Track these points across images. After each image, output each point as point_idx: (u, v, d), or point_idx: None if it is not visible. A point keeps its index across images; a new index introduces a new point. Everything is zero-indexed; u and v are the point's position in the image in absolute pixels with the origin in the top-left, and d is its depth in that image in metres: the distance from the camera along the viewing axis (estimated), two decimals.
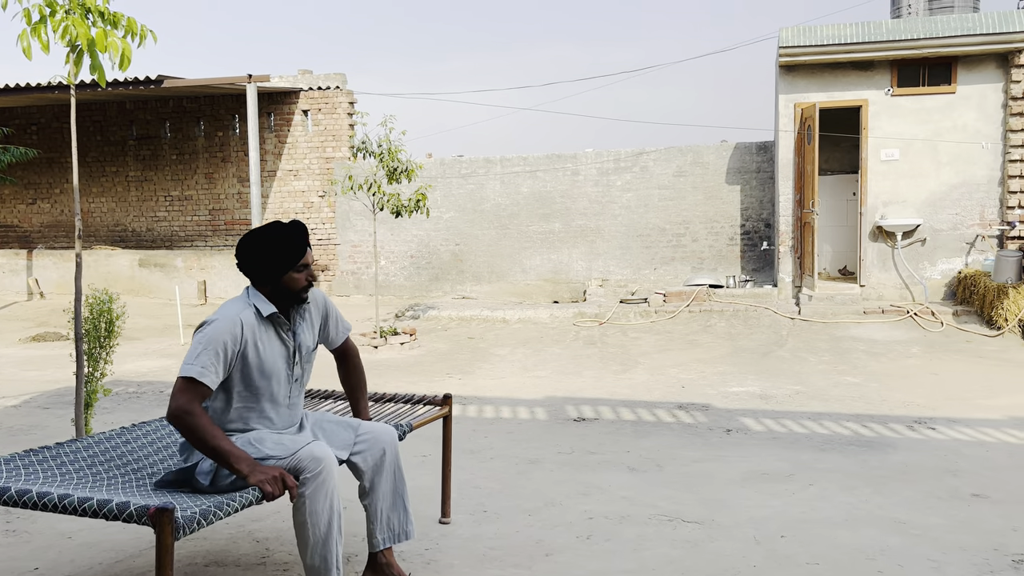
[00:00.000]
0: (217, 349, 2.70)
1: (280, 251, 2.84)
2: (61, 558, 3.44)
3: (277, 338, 2.91)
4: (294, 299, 2.92)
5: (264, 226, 2.91)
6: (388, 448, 3.08)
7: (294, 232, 2.88)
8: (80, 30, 4.45)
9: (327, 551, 2.72)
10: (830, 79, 11.07)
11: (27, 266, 14.62)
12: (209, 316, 2.82)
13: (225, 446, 2.61)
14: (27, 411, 6.51)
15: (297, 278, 2.88)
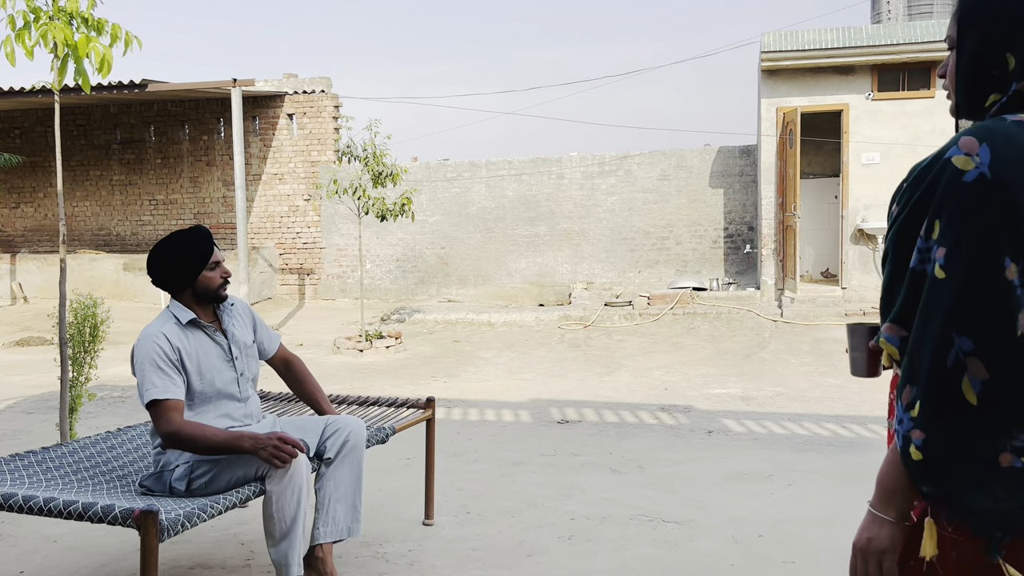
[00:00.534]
0: (156, 364, 2.79)
1: (190, 255, 2.96)
2: (47, 562, 3.46)
3: (208, 339, 2.99)
4: (214, 298, 3.02)
5: (167, 236, 3.03)
6: (353, 436, 3.08)
7: (197, 235, 3.01)
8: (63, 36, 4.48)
9: (290, 547, 2.77)
10: (812, 83, 11.19)
11: (10, 270, 14.54)
12: (136, 341, 2.91)
13: (224, 437, 2.71)
14: (11, 416, 6.50)
15: (211, 276, 2.99)
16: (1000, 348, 1.20)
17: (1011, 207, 1.20)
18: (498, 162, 13.45)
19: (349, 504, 3.08)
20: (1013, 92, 1.29)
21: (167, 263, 2.96)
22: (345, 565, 3.43)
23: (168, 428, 2.69)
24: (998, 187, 1.21)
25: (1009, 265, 1.20)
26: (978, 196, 1.22)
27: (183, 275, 2.95)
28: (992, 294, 1.20)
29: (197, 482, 2.77)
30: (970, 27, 1.32)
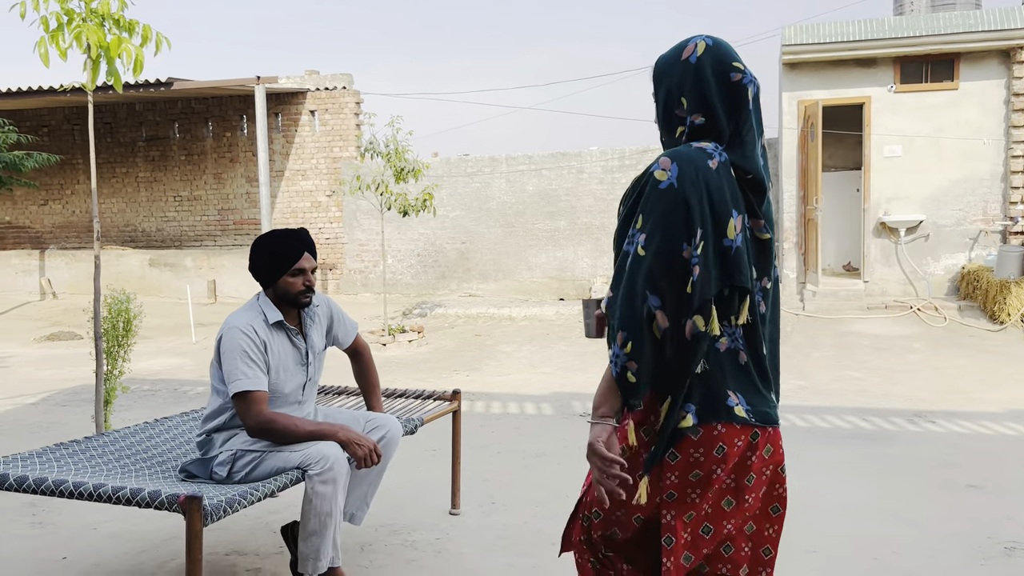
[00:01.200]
0: (246, 354, 2.86)
1: (274, 257, 2.99)
2: (88, 548, 3.58)
3: (288, 342, 3.05)
4: (293, 303, 3.03)
5: (268, 232, 3.08)
6: (389, 435, 3.17)
7: (290, 239, 3.03)
8: (96, 37, 4.58)
9: (321, 542, 2.85)
10: (833, 76, 11.16)
11: (39, 266, 14.80)
12: (223, 328, 2.96)
13: (311, 428, 2.84)
14: (46, 408, 6.66)
15: (292, 282, 3.00)
16: (675, 304, 1.72)
17: (688, 207, 1.72)
18: (518, 157, 13.51)
19: (362, 494, 3.18)
20: (689, 125, 1.84)
21: (254, 257, 3.02)
22: (375, 552, 3.52)
23: (258, 419, 2.79)
24: (681, 194, 1.73)
25: (686, 248, 1.71)
26: (667, 199, 1.73)
27: (267, 275, 3.00)
28: (673, 267, 1.71)
29: (239, 470, 2.86)
30: (659, 84, 1.90)
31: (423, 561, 3.46)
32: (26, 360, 9.28)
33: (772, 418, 1.85)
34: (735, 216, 1.77)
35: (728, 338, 1.82)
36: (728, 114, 1.82)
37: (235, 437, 2.94)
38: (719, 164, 1.78)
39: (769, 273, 1.90)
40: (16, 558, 3.47)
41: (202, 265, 13.92)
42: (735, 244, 1.76)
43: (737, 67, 1.84)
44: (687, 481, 1.80)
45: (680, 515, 1.81)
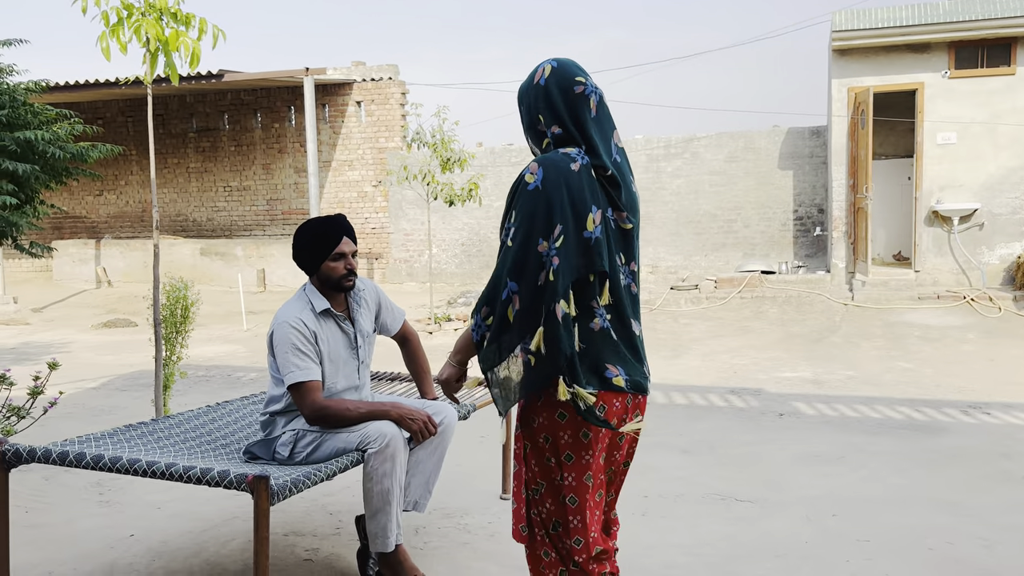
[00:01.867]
0: (296, 347, 2.94)
1: (315, 243, 3.08)
2: (153, 526, 3.71)
3: (338, 328, 3.12)
4: (337, 287, 3.11)
5: (306, 221, 3.16)
6: (445, 423, 3.22)
7: (329, 224, 3.11)
8: (155, 31, 4.70)
9: (388, 520, 2.93)
10: (885, 62, 10.96)
11: (95, 255, 15.19)
12: (273, 323, 3.06)
13: (364, 409, 2.93)
14: (106, 393, 6.87)
15: (334, 267, 3.07)
16: (530, 291, 1.98)
17: (550, 206, 1.99)
18: None
19: (423, 481, 3.22)
20: (552, 136, 2.13)
21: (296, 246, 3.11)
22: (429, 535, 3.60)
23: (313, 407, 2.89)
24: (544, 194, 2.00)
25: (542, 242, 1.98)
26: (533, 199, 2.01)
27: (309, 261, 3.08)
28: (530, 258, 1.98)
29: (300, 451, 2.95)
30: (521, 106, 2.21)
31: (476, 544, 3.52)
32: (86, 346, 9.56)
33: (644, 388, 2.16)
34: (594, 211, 2.04)
35: (600, 318, 2.09)
36: (575, 122, 2.11)
37: (297, 419, 3.03)
38: (581, 166, 2.06)
39: (636, 257, 2.18)
40: (88, 536, 3.61)
41: (252, 254, 14.17)
42: (594, 235, 2.03)
43: (579, 81, 2.13)
44: (580, 442, 2.08)
45: (579, 473, 2.11)
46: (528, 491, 2.19)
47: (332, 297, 3.13)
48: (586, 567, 2.12)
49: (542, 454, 2.14)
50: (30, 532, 3.63)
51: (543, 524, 2.17)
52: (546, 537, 2.18)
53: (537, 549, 2.20)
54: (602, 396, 2.06)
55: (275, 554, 3.38)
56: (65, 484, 4.28)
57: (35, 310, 12.48)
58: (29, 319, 11.76)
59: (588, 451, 2.09)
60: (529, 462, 2.17)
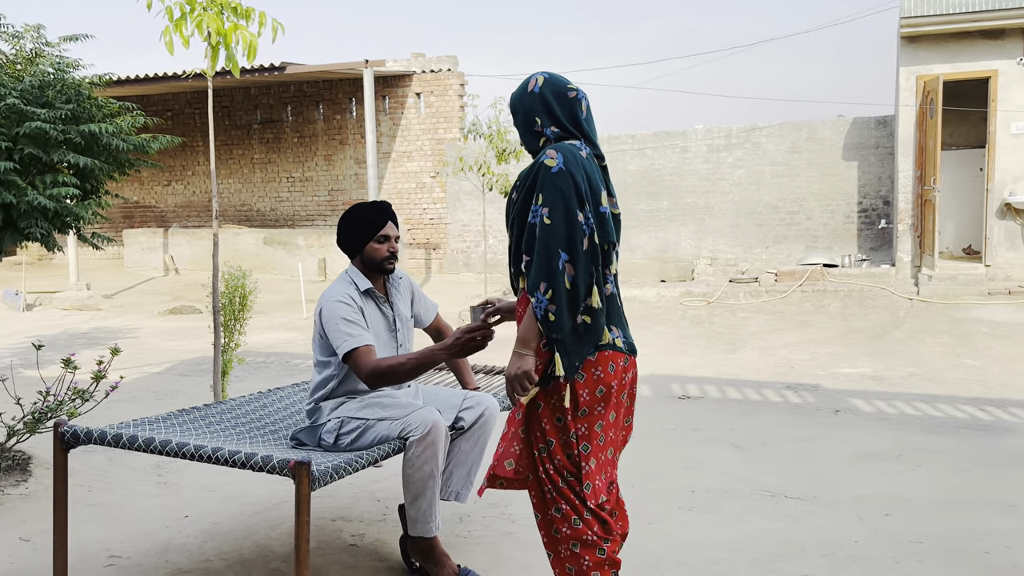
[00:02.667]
0: (346, 318, 3.02)
1: (358, 222, 3.19)
2: (207, 508, 3.82)
3: (378, 310, 3.21)
4: (379, 268, 3.22)
5: (351, 206, 3.26)
6: (487, 413, 3.23)
7: (373, 208, 3.24)
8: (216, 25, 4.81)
9: (429, 505, 2.97)
10: (956, 49, 10.59)
11: (163, 244, 15.65)
12: (322, 302, 3.13)
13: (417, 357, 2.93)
14: (169, 378, 7.08)
15: (378, 248, 3.19)
16: (578, 257, 2.25)
17: (576, 183, 2.27)
18: (620, 136, 13.40)
19: (465, 472, 3.23)
20: (550, 135, 2.43)
21: (342, 228, 3.23)
22: (473, 523, 3.63)
23: (368, 368, 2.93)
24: (568, 174, 2.28)
25: (579, 212, 2.26)
26: (560, 178, 2.27)
27: (354, 243, 3.20)
28: (574, 228, 2.25)
29: (345, 438, 3.01)
30: (516, 112, 2.51)
31: (520, 534, 3.54)
32: (152, 332, 9.87)
33: (635, 349, 2.49)
34: (602, 191, 2.37)
35: (611, 284, 2.40)
36: (572, 121, 2.43)
37: (342, 406, 3.08)
38: (587, 154, 2.39)
39: (619, 239, 2.46)
40: (145, 515, 3.74)
41: (313, 244, 14.42)
42: (607, 210, 2.37)
43: (571, 87, 2.46)
44: (595, 397, 2.33)
45: (592, 425, 2.35)
46: (536, 450, 2.39)
47: (373, 279, 3.23)
48: (598, 511, 2.36)
49: (555, 412, 2.34)
50: (91, 510, 3.78)
51: (552, 479, 2.36)
52: (556, 491, 2.36)
53: (548, 508, 2.38)
54: (611, 356, 2.35)
55: (322, 538, 3.45)
56: (126, 465, 4.43)
57: (107, 296, 12.92)
58: (101, 305, 12.19)
59: (601, 405, 2.34)
60: (540, 421, 2.36)
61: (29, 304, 12.05)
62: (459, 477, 3.23)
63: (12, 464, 4.10)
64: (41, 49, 4.23)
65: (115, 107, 4.37)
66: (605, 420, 2.36)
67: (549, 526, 2.38)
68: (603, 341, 2.33)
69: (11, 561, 3.24)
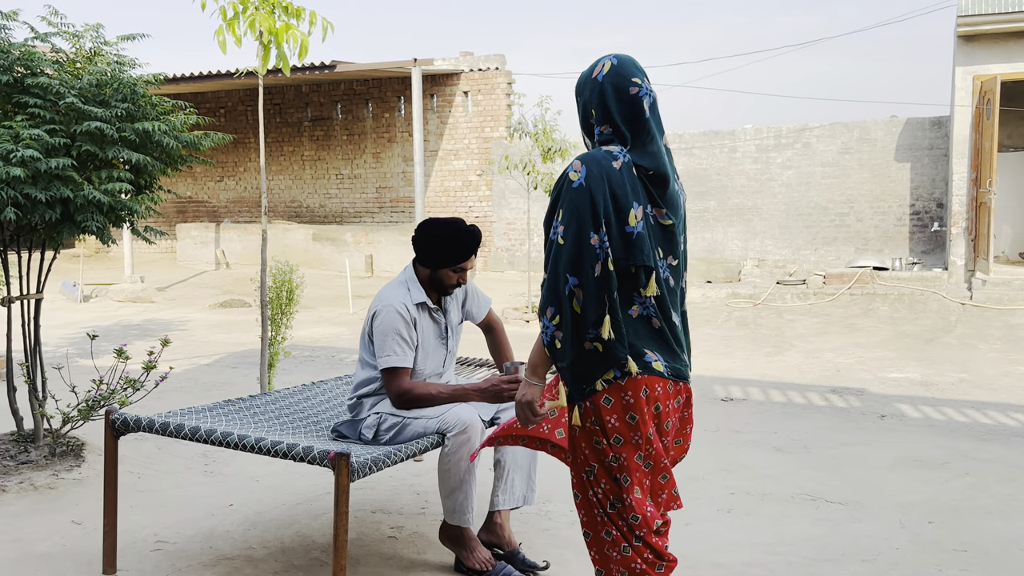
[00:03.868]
0: (399, 334, 3.05)
1: (447, 248, 3.11)
2: (251, 497, 3.91)
3: (430, 318, 3.22)
4: (442, 291, 3.22)
5: (446, 219, 3.18)
6: None
7: (466, 237, 3.13)
8: (267, 24, 4.91)
9: (465, 497, 3.02)
10: (1015, 48, 10.32)
11: (215, 238, 15.97)
12: (377, 305, 3.14)
13: (451, 391, 2.98)
14: (218, 369, 7.24)
15: (451, 275, 3.17)
16: (587, 282, 2.10)
17: (594, 202, 2.10)
18: (667, 135, 13.29)
19: (525, 475, 3.27)
20: (599, 133, 2.24)
21: (429, 241, 3.13)
22: (511, 520, 3.66)
23: (399, 390, 2.99)
24: (588, 191, 2.11)
25: (593, 235, 2.10)
26: (578, 195, 2.11)
27: (432, 260, 3.14)
28: (584, 252, 2.10)
29: (384, 432, 3.06)
30: (579, 99, 2.31)
31: (556, 531, 3.56)
32: (202, 324, 10.09)
33: (684, 375, 2.26)
34: (636, 207, 2.14)
35: (639, 306, 2.20)
36: (627, 122, 2.19)
37: (383, 402, 3.14)
38: (622, 164, 2.16)
39: (675, 252, 2.26)
40: (192, 503, 3.84)
41: (360, 240, 14.59)
42: (636, 230, 2.14)
43: (635, 82, 2.20)
44: (625, 423, 2.17)
45: (631, 456, 2.19)
46: (583, 473, 2.27)
47: (430, 292, 3.23)
48: (648, 539, 2.22)
49: (591, 436, 2.21)
50: (140, 496, 3.89)
51: (601, 503, 2.24)
52: (605, 516, 2.24)
53: (599, 530, 2.26)
54: (645, 380, 2.16)
55: (361, 530, 3.52)
56: (175, 454, 4.55)
57: (159, 289, 13.24)
58: (154, 297, 12.49)
59: (636, 432, 2.17)
60: (580, 444, 2.25)
61: (86, 296, 12.40)
62: (521, 480, 3.26)
63: (67, 450, 4.25)
64: (100, 48, 4.36)
65: (168, 106, 4.48)
66: (644, 450, 2.20)
67: (600, 545, 2.27)
68: (633, 366, 2.14)
69: (64, 543, 3.36)
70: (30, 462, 4.07)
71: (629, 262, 2.14)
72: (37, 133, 3.73)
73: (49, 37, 4.24)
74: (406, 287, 3.19)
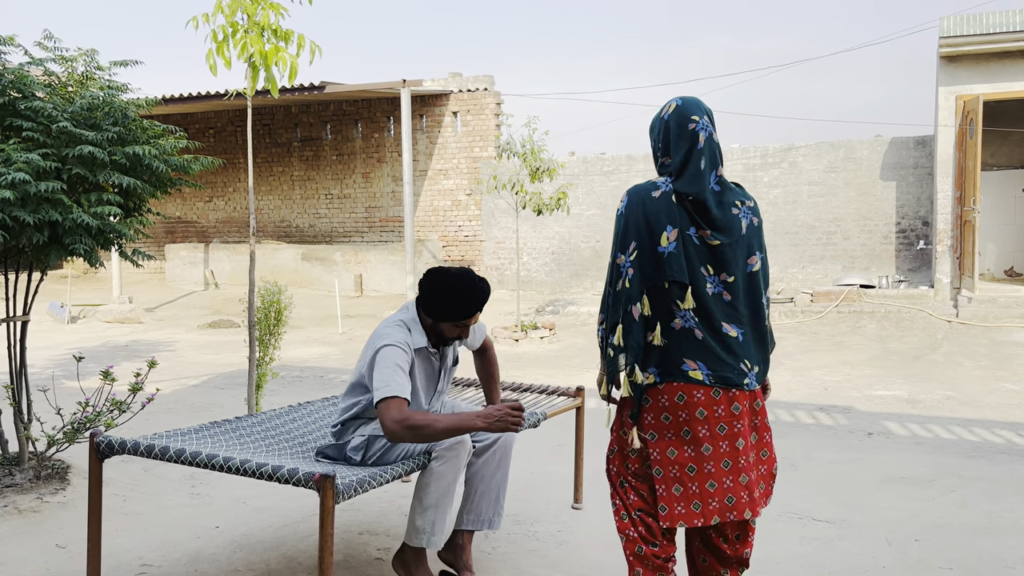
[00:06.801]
0: (400, 366, 2.91)
1: (451, 302, 3.00)
2: (237, 520, 3.89)
3: (427, 362, 3.16)
4: (441, 341, 3.13)
5: (456, 270, 3.06)
6: (503, 438, 3.24)
7: (475, 293, 3.01)
8: (257, 47, 4.94)
9: (437, 516, 2.97)
10: (996, 69, 10.46)
11: (204, 258, 15.94)
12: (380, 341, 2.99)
13: (449, 422, 2.81)
14: (206, 390, 7.22)
15: (451, 330, 3.07)
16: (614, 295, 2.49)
17: (627, 228, 2.47)
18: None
19: (493, 499, 3.23)
20: (660, 165, 2.57)
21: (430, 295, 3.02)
22: (497, 540, 3.65)
23: (394, 418, 2.77)
24: (625, 218, 2.49)
25: (619, 255, 2.49)
26: (619, 222, 2.51)
27: (435, 311, 3.03)
28: (613, 269, 2.51)
29: (372, 455, 3.04)
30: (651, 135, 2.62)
31: (544, 551, 3.55)
32: (190, 345, 10.05)
33: (733, 381, 2.45)
34: (669, 230, 2.43)
35: (681, 319, 2.45)
36: (684, 154, 2.48)
37: (369, 424, 3.12)
38: (662, 193, 2.46)
39: (728, 270, 2.48)
40: (177, 525, 3.82)
41: (350, 260, 14.59)
42: (667, 250, 2.42)
43: (694, 119, 2.49)
44: (661, 423, 2.47)
45: (664, 451, 2.48)
46: (608, 451, 2.69)
47: (430, 336, 3.12)
48: (658, 530, 2.54)
49: (620, 425, 2.62)
50: (126, 519, 3.87)
51: (613, 478, 2.67)
52: (612, 488, 2.67)
53: (614, 498, 2.67)
54: (681, 387, 2.43)
55: (348, 551, 3.50)
56: (161, 476, 4.53)
57: (148, 310, 13.19)
58: (142, 318, 12.44)
59: (670, 432, 2.46)
60: (613, 427, 2.67)
61: (73, 316, 12.35)
62: (488, 505, 3.22)
63: (52, 473, 4.22)
64: (92, 72, 4.37)
65: (158, 129, 4.50)
66: (680, 449, 2.45)
67: (616, 512, 2.65)
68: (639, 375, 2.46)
69: (48, 567, 3.33)
70: (15, 485, 4.04)
71: (660, 278, 2.42)
72: (29, 157, 3.73)
73: (44, 62, 4.25)
74: (406, 329, 3.06)
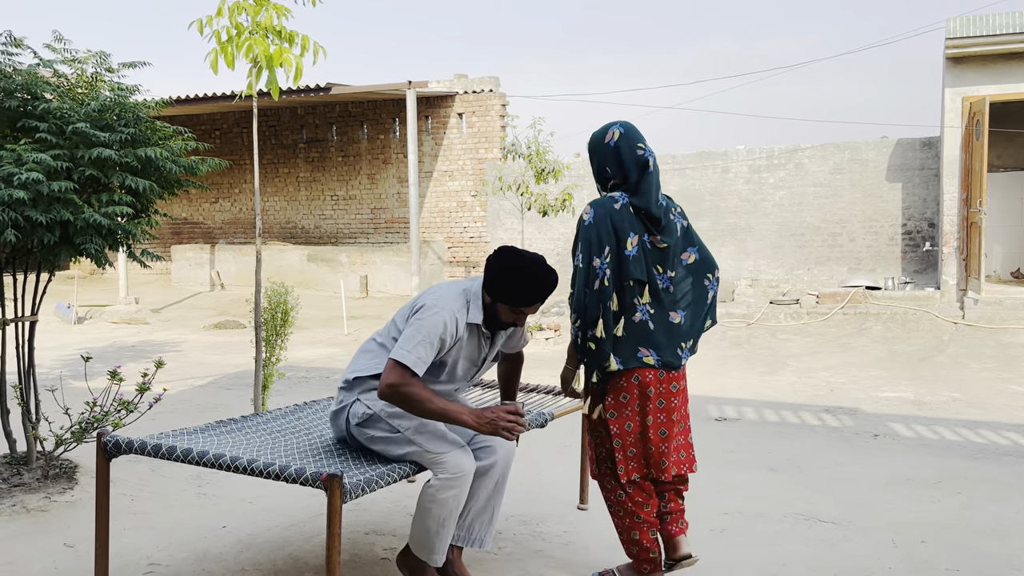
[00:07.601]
0: (433, 342, 2.84)
1: (516, 284, 2.89)
2: (244, 519, 3.90)
3: (476, 343, 3.05)
4: (496, 324, 3.02)
5: (528, 253, 2.96)
6: (501, 459, 3.17)
7: (543, 278, 2.91)
8: (261, 48, 4.95)
9: (439, 539, 2.94)
10: (1003, 70, 10.43)
11: (210, 259, 15.97)
12: (430, 299, 2.92)
13: (443, 406, 2.74)
14: (212, 391, 7.24)
15: (508, 314, 2.95)
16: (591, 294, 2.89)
17: (599, 236, 2.89)
18: (660, 156, 13.38)
19: (488, 518, 3.18)
20: (612, 183, 3.02)
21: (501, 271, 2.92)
22: (503, 541, 3.66)
23: (398, 380, 2.72)
24: (595, 227, 2.90)
25: (595, 259, 2.88)
26: (588, 230, 2.91)
27: (497, 292, 2.92)
28: (590, 271, 2.89)
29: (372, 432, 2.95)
30: (593, 156, 3.10)
31: (550, 552, 3.56)
32: (196, 346, 10.08)
33: (673, 364, 3.01)
34: (632, 236, 2.91)
35: (641, 313, 2.95)
36: (638, 176, 2.97)
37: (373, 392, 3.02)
38: (622, 205, 2.93)
39: (671, 266, 3.02)
40: (184, 525, 3.84)
41: (355, 261, 14.61)
42: (631, 253, 2.90)
43: (640, 147, 2.99)
44: (619, 402, 2.99)
45: (621, 424, 3.00)
46: (593, 437, 3.12)
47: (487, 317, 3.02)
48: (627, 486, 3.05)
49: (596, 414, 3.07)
50: (133, 519, 3.88)
51: (600, 460, 3.10)
52: (605, 468, 3.09)
53: (603, 478, 3.11)
54: (638, 371, 2.95)
55: (354, 551, 3.51)
56: (169, 476, 4.55)
57: (154, 310, 13.22)
58: (148, 319, 12.48)
59: (626, 408, 2.99)
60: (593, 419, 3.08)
61: (80, 317, 12.39)
62: (481, 524, 3.17)
63: (59, 472, 4.24)
64: (102, 74, 4.39)
65: (169, 131, 4.52)
66: (634, 421, 2.99)
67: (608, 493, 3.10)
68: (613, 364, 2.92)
69: (56, 566, 3.35)
70: (23, 484, 4.06)
71: (626, 277, 2.89)
72: (41, 157, 3.75)
73: (53, 64, 4.27)
74: (466, 300, 2.96)
